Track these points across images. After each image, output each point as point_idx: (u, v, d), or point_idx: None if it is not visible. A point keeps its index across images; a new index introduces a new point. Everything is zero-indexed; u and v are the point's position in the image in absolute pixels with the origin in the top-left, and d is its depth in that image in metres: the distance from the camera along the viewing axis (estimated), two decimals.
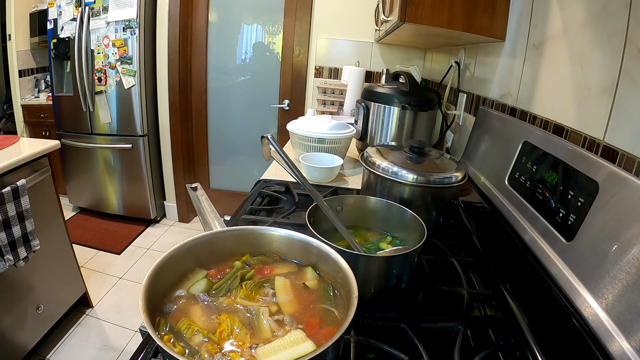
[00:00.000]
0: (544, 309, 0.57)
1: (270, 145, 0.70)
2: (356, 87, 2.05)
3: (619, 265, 0.46)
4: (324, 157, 1.27)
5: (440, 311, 0.66)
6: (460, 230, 0.93)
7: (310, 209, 0.69)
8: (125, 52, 2.45)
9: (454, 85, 1.46)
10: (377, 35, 1.94)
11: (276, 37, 2.59)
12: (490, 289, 0.71)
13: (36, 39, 3.04)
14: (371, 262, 0.63)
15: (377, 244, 0.75)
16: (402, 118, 1.36)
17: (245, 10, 2.57)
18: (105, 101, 2.58)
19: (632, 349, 0.41)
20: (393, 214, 0.77)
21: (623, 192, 0.49)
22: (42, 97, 3.05)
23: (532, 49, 0.85)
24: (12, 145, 1.56)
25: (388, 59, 2.38)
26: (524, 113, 0.86)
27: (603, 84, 0.59)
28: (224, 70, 2.71)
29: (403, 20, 0.96)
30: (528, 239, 0.67)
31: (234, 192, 2.94)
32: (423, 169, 0.86)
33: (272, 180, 1.19)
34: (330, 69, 2.47)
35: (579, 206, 0.56)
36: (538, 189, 0.68)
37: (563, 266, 0.56)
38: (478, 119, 1.09)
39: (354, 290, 0.44)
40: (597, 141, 0.59)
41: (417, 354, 0.53)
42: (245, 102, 2.75)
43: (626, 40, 0.54)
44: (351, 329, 0.55)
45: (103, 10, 2.43)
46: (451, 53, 1.57)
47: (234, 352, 0.42)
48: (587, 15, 0.65)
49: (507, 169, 0.81)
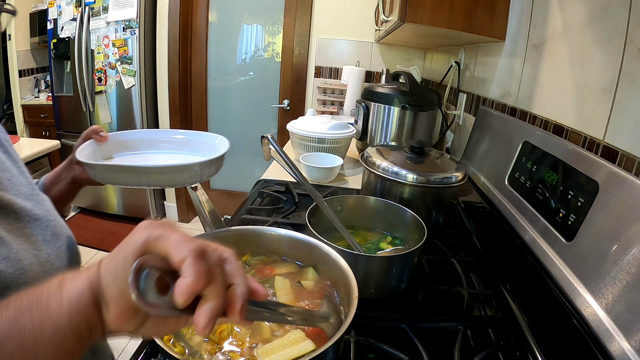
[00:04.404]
0: (544, 309, 0.57)
1: (270, 145, 0.70)
2: (356, 87, 2.05)
3: (619, 265, 0.46)
4: (324, 157, 1.27)
5: (440, 311, 0.66)
6: (460, 230, 0.93)
7: (310, 209, 0.69)
8: (125, 52, 2.45)
9: (454, 85, 1.46)
10: (377, 35, 1.94)
11: (276, 37, 2.59)
12: (490, 289, 0.71)
13: (36, 39, 3.04)
14: (371, 262, 0.63)
15: (377, 244, 0.75)
16: (402, 118, 1.36)
17: (245, 10, 2.57)
18: (105, 101, 2.58)
19: (632, 349, 0.41)
20: (393, 214, 0.77)
21: (623, 192, 0.49)
22: (42, 97, 3.05)
23: (532, 49, 0.85)
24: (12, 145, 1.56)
25: (388, 59, 2.38)
26: (524, 113, 0.86)
27: (603, 84, 0.59)
28: (224, 70, 2.71)
29: (403, 20, 0.96)
30: (528, 239, 0.67)
31: (234, 192, 2.94)
32: (423, 169, 0.86)
33: (272, 180, 1.19)
34: (330, 69, 2.47)
35: (579, 206, 0.56)
36: (538, 189, 0.68)
37: (563, 266, 0.56)
38: (478, 119, 1.09)
39: (354, 290, 0.44)
40: (597, 141, 0.59)
41: (417, 354, 0.53)
42: (245, 102, 2.75)
43: (626, 40, 0.54)
44: (351, 329, 0.55)
45: (103, 10, 2.43)
46: (451, 53, 1.57)
47: (234, 352, 0.42)
48: (587, 15, 0.65)
49: (507, 169, 0.81)
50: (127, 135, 0.77)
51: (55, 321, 0.28)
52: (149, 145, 0.77)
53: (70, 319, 0.28)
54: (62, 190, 0.69)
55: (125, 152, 0.74)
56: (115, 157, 0.73)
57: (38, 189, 0.54)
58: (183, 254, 0.27)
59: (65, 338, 0.28)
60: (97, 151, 0.69)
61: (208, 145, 0.74)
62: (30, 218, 0.48)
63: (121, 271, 0.28)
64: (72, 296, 0.28)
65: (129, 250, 0.28)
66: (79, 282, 0.29)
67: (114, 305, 0.28)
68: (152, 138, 0.78)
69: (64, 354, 0.29)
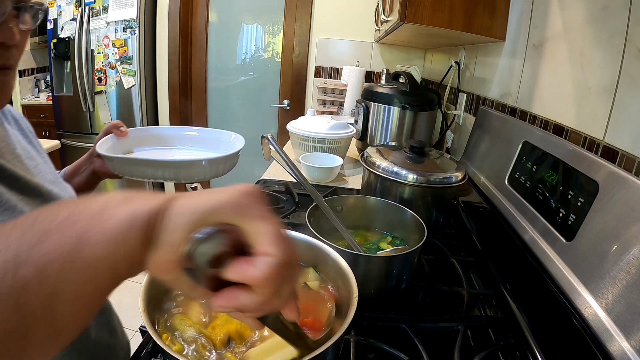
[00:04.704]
0: (544, 309, 0.57)
1: (270, 145, 0.70)
2: (356, 87, 2.05)
3: (619, 265, 0.46)
4: (324, 157, 1.27)
5: (440, 311, 0.66)
6: (460, 230, 0.93)
7: (310, 209, 0.69)
8: (125, 52, 2.45)
9: (454, 85, 1.46)
10: (377, 35, 1.94)
11: (276, 37, 2.59)
12: (490, 289, 0.71)
13: (36, 39, 3.04)
14: (371, 262, 0.63)
15: (377, 244, 0.75)
16: (402, 118, 1.36)
17: (245, 10, 2.57)
18: (105, 101, 2.58)
19: (632, 349, 0.41)
20: (393, 214, 0.77)
21: (623, 192, 0.49)
22: (42, 97, 3.05)
23: (532, 49, 0.85)
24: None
25: (388, 59, 2.38)
26: (524, 113, 0.86)
27: (603, 84, 0.59)
28: (224, 70, 2.71)
29: (403, 20, 0.96)
30: (528, 239, 0.67)
31: None
32: (423, 169, 0.86)
33: (272, 180, 1.19)
34: (330, 69, 2.47)
35: (579, 206, 0.56)
36: (538, 189, 0.68)
37: (563, 266, 0.56)
38: (478, 119, 1.09)
39: (354, 290, 0.44)
40: (597, 141, 0.59)
41: (417, 354, 0.53)
42: (245, 102, 2.75)
43: (626, 40, 0.54)
44: (351, 329, 0.55)
45: (103, 10, 2.43)
46: (451, 53, 1.56)
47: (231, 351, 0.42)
48: (587, 15, 0.65)
49: (507, 169, 0.81)
50: (147, 131, 0.81)
51: (93, 250, 0.22)
52: (168, 141, 0.82)
53: (111, 251, 0.22)
54: (82, 181, 0.72)
55: (144, 147, 0.78)
56: (135, 151, 0.77)
57: (60, 178, 0.57)
58: (270, 252, 0.24)
59: (98, 273, 0.22)
60: (117, 145, 0.74)
61: (224, 143, 0.78)
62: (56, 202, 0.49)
63: (194, 223, 0.23)
64: (121, 223, 0.22)
65: (217, 209, 0.24)
66: (131, 209, 0.23)
67: (165, 252, 0.23)
68: (170, 134, 0.83)
69: (90, 294, 0.23)
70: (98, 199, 0.24)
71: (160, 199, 0.24)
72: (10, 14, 0.41)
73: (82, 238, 0.22)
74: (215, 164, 0.67)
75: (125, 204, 0.23)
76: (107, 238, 0.22)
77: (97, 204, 0.23)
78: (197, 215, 0.24)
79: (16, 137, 0.53)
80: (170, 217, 0.23)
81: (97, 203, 0.23)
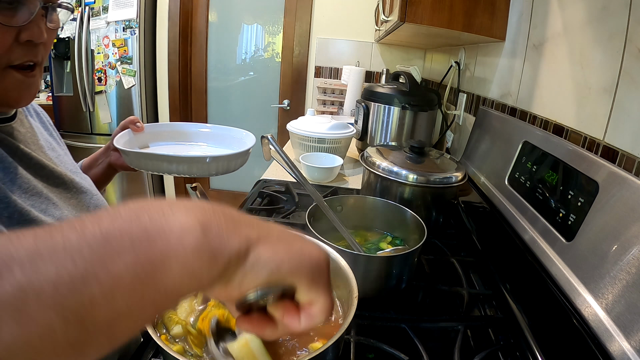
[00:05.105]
0: (544, 309, 0.57)
1: (270, 145, 0.70)
2: (356, 87, 2.05)
3: (619, 265, 0.46)
4: (324, 157, 1.27)
5: (440, 311, 0.66)
6: (460, 230, 0.93)
7: (310, 209, 0.69)
8: (125, 52, 2.45)
9: (454, 85, 1.46)
10: (377, 35, 1.94)
11: (276, 37, 2.59)
12: (490, 289, 0.71)
13: None
14: (371, 262, 0.63)
15: (377, 244, 0.75)
16: (402, 118, 1.36)
17: (245, 10, 2.57)
18: (105, 101, 2.58)
19: (632, 349, 0.41)
20: (393, 214, 0.77)
21: (623, 192, 0.49)
22: (42, 97, 3.05)
23: (532, 49, 0.85)
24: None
25: (388, 59, 2.38)
26: (524, 113, 0.86)
27: (603, 84, 0.59)
28: (224, 70, 2.71)
29: (403, 21, 0.96)
30: (528, 239, 0.67)
31: (234, 192, 2.93)
32: (423, 169, 0.86)
33: (272, 180, 1.19)
34: (330, 69, 2.47)
35: (579, 206, 0.56)
36: (538, 189, 0.68)
37: (563, 266, 0.56)
38: (478, 119, 1.09)
39: (354, 290, 0.44)
40: (597, 141, 0.59)
41: (417, 354, 0.53)
42: (245, 102, 2.75)
43: (626, 40, 0.54)
44: (351, 329, 0.55)
45: (103, 10, 2.42)
46: (451, 53, 1.56)
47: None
48: (587, 15, 0.65)
49: (507, 169, 0.81)
50: (162, 127, 0.87)
51: (172, 281, 0.21)
52: (182, 137, 0.87)
53: (186, 282, 0.22)
54: (98, 174, 0.76)
55: (159, 142, 0.82)
56: (151, 146, 0.82)
57: (79, 169, 0.62)
58: (315, 320, 0.28)
59: (168, 299, 0.22)
60: (134, 140, 0.78)
61: (236, 140, 0.81)
62: (77, 190, 0.55)
63: (271, 280, 0.25)
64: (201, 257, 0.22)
65: (294, 274, 0.26)
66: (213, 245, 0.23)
67: (234, 291, 0.25)
68: (185, 131, 0.88)
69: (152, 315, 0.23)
70: (168, 218, 0.22)
71: (239, 236, 0.24)
72: (38, 12, 0.43)
73: (159, 266, 0.21)
74: (227, 161, 0.71)
75: (204, 236, 0.22)
76: (189, 272, 0.22)
77: (173, 225, 0.22)
78: (276, 275, 0.25)
79: (39, 129, 0.57)
80: (252, 266, 0.24)
81: (172, 223, 0.22)
